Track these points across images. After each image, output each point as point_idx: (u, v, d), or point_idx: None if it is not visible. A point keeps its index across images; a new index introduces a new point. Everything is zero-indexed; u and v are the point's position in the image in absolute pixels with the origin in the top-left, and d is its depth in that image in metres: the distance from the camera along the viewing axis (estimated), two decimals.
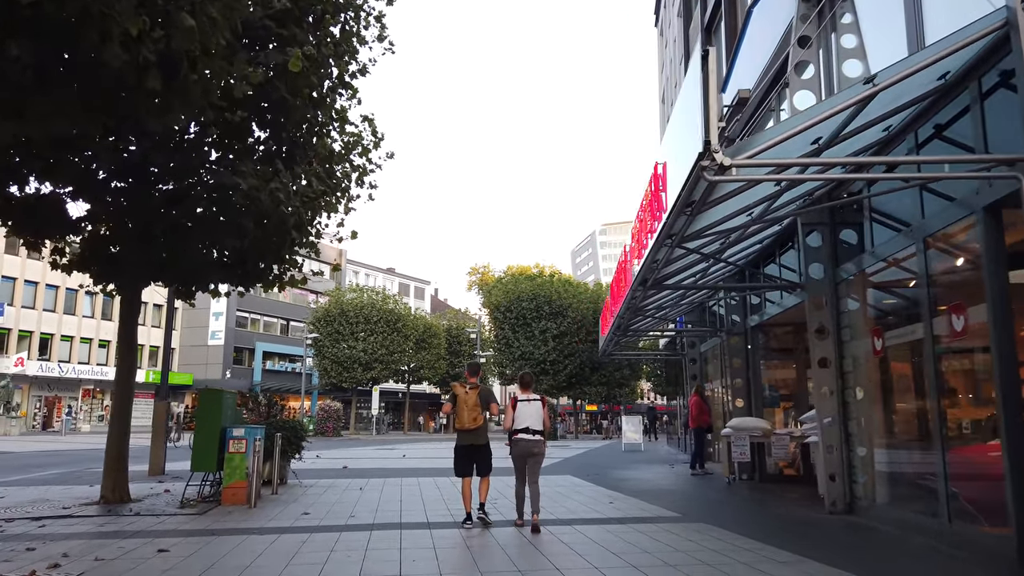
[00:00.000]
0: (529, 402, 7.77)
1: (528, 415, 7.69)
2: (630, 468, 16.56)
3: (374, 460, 19.55)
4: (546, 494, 10.27)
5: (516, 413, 7.74)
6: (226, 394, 10.06)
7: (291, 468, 12.55)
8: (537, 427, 7.67)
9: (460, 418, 7.78)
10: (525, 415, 7.70)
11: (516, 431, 7.71)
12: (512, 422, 7.74)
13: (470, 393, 7.82)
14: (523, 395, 7.86)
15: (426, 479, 13.33)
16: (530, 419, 7.67)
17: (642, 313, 12.55)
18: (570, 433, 51.61)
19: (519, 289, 45.72)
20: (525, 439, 7.65)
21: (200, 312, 52.54)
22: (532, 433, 7.65)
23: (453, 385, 8.06)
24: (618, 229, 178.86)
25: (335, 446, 29.84)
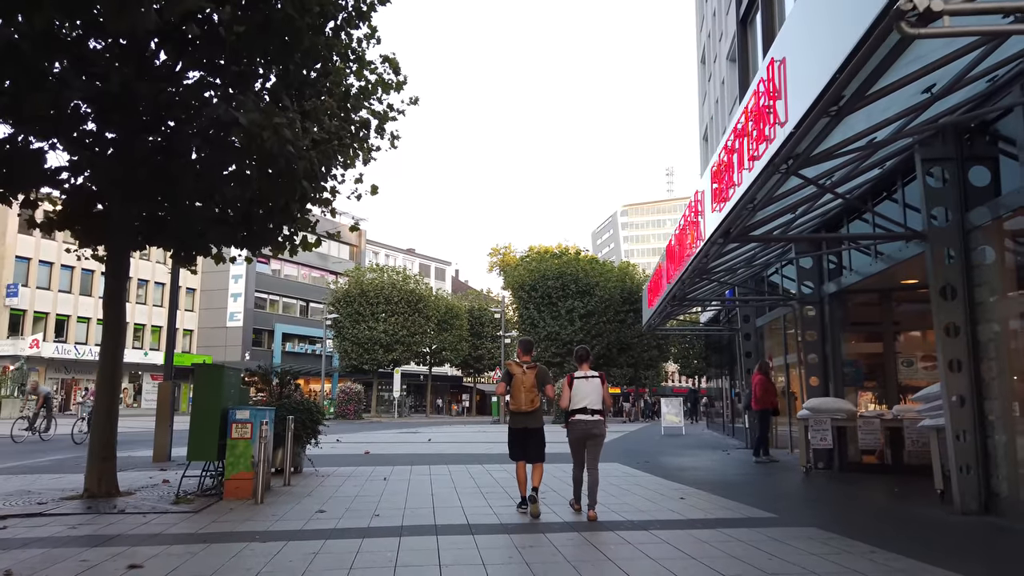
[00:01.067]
0: (587, 379, 7.09)
1: (586, 393, 7.04)
2: (681, 454, 15.00)
3: (398, 445, 18.18)
4: (603, 486, 8.79)
5: (573, 392, 7.11)
6: (227, 370, 8.62)
7: (306, 455, 11.14)
8: (596, 406, 7.02)
9: (516, 400, 7.14)
10: (583, 393, 7.05)
11: (573, 411, 7.09)
12: (568, 402, 7.11)
13: (528, 373, 7.13)
14: (580, 371, 7.20)
15: (457, 467, 11.88)
16: (589, 398, 7.02)
17: (708, 276, 10.90)
18: None
19: (544, 267, 44.14)
20: (584, 420, 7.02)
21: (218, 293, 51.63)
22: (591, 413, 7.00)
23: (508, 364, 7.35)
24: (640, 210, 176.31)
25: (356, 429, 28.60)
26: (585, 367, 7.26)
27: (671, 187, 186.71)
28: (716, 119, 21.97)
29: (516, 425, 7.29)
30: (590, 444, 7.06)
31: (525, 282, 43.24)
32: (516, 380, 7.12)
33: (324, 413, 11.41)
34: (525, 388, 7.08)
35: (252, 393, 11.19)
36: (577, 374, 7.22)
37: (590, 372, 7.19)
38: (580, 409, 7.06)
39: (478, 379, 63.68)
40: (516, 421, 7.29)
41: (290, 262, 55.60)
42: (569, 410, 7.14)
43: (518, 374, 7.13)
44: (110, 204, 8.94)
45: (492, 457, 14.02)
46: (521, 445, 7.25)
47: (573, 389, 7.13)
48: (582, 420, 7.04)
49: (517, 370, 7.16)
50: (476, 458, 13.80)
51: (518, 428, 7.27)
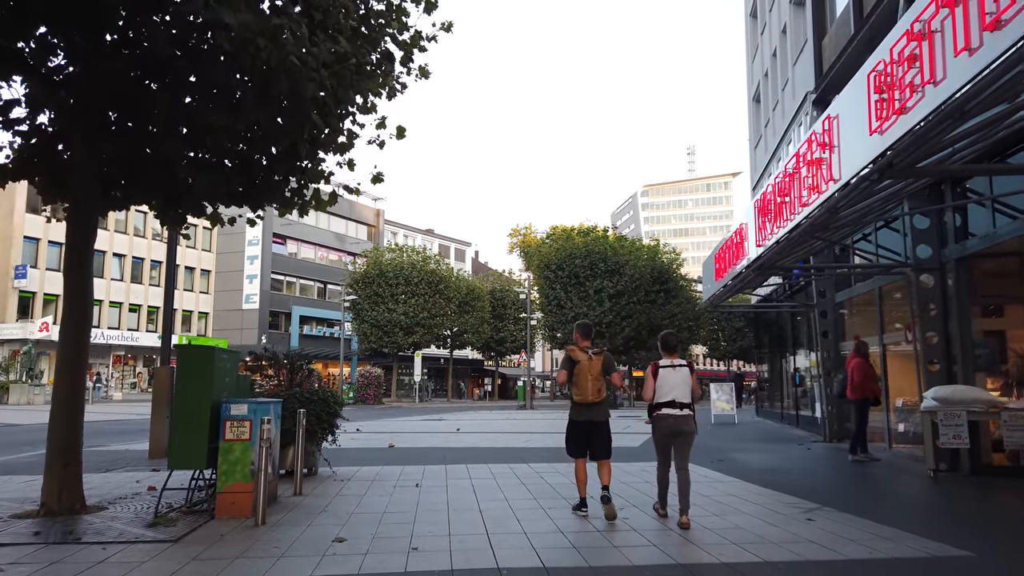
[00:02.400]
0: (675, 368, 6.36)
1: (674, 385, 6.29)
2: (753, 449, 13.06)
3: (423, 435, 16.41)
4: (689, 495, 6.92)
5: (659, 382, 6.34)
6: (220, 352, 6.79)
7: (322, 454, 9.35)
8: (686, 399, 6.29)
9: (581, 389, 6.43)
10: (670, 384, 6.30)
11: (660, 404, 6.31)
12: (653, 393, 6.35)
13: (594, 360, 6.43)
14: (667, 360, 6.45)
15: (499, 467, 10.05)
16: (677, 389, 6.28)
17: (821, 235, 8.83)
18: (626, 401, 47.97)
19: (571, 246, 42.10)
20: (673, 415, 6.25)
21: (234, 275, 50.22)
22: (680, 407, 6.25)
23: (570, 349, 6.58)
24: (660, 190, 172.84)
25: (377, 415, 26.97)
26: (673, 355, 6.51)
27: (692, 166, 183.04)
28: (774, 73, 19.77)
29: (580, 417, 6.56)
30: (679, 442, 6.31)
31: (551, 261, 41.21)
32: (581, 368, 6.42)
33: (342, 403, 9.60)
34: (592, 376, 6.40)
35: (258, 380, 9.43)
36: (663, 362, 6.43)
37: (678, 360, 6.45)
38: (668, 402, 6.28)
39: (500, 363, 61.97)
40: (580, 413, 6.56)
41: (306, 242, 54.07)
42: (654, 403, 6.36)
43: (583, 361, 6.41)
44: (72, 145, 7.12)
45: (535, 453, 12.17)
46: (585, 440, 6.56)
47: (659, 379, 6.35)
48: (670, 415, 6.26)
49: (582, 356, 6.44)
50: (517, 454, 11.96)
51: (582, 421, 6.54)
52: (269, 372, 9.60)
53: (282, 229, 51.78)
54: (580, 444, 6.56)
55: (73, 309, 6.96)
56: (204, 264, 50.24)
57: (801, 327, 16.96)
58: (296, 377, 9.65)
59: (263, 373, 9.55)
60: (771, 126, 20.16)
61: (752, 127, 23.37)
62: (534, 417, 25.73)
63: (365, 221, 60.67)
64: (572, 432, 6.62)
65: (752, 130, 23.36)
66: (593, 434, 6.49)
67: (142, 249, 45.54)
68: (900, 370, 11.50)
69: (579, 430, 6.55)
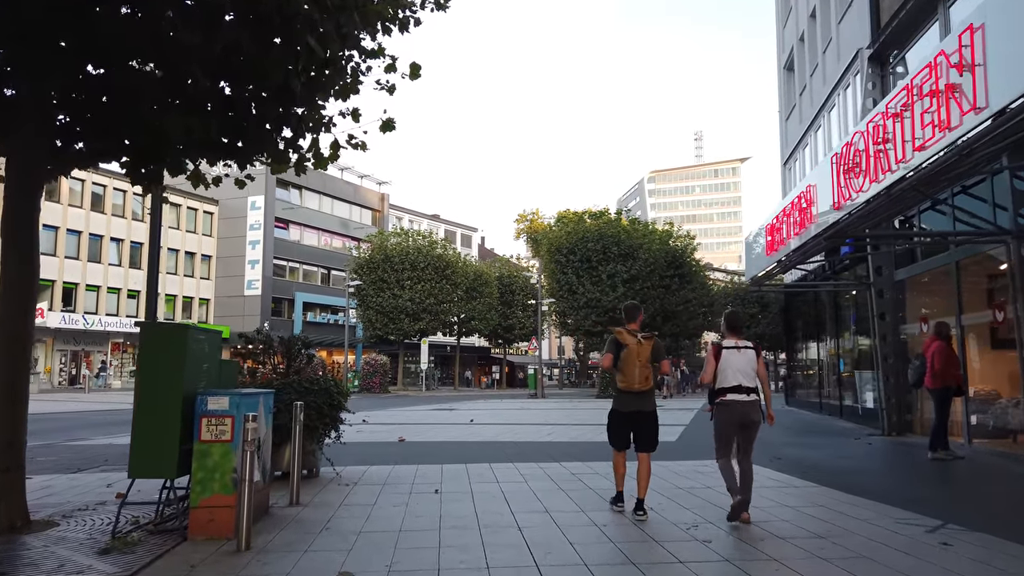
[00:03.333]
0: (739, 350, 5.80)
1: (739, 368, 5.74)
2: (803, 444, 11.72)
3: (435, 427, 15.14)
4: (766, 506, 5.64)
5: (721, 365, 5.78)
6: (195, 331, 5.46)
7: (323, 452, 8.04)
8: (751, 384, 5.74)
9: (627, 376, 5.91)
10: (735, 368, 5.74)
11: (724, 390, 5.75)
12: (715, 378, 5.79)
13: (644, 344, 5.91)
14: (730, 341, 5.89)
15: (527, 466, 8.74)
16: (742, 373, 5.73)
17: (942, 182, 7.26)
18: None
19: (582, 229, 40.69)
20: (738, 401, 5.70)
21: (235, 260, 48.97)
22: (747, 392, 5.71)
23: (618, 332, 6.06)
24: (667, 176, 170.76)
25: (383, 405, 25.75)
26: (737, 336, 5.88)
27: (700, 152, 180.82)
28: (812, 36, 18.25)
29: (625, 407, 6.00)
30: (744, 432, 5.75)
31: (562, 245, 39.80)
32: (629, 352, 5.86)
33: (346, 393, 8.29)
34: (640, 362, 5.84)
35: (247, 367, 8.13)
36: (726, 343, 5.82)
37: (743, 342, 5.83)
38: (733, 387, 5.68)
39: (508, 350, 60.72)
40: (625, 402, 5.99)
41: (309, 227, 52.75)
42: (716, 388, 5.77)
43: (631, 345, 5.86)
44: (11, 78, 5.77)
45: (563, 449, 10.87)
46: (629, 432, 6.02)
47: (721, 362, 5.76)
48: (736, 401, 5.67)
49: (630, 340, 5.90)
50: (543, 450, 10.66)
51: (628, 411, 5.98)
52: (262, 358, 8.29)
53: (284, 213, 50.46)
54: (624, 436, 6.04)
55: (12, 281, 5.63)
56: (205, 249, 48.97)
57: (847, 309, 15.58)
58: (294, 364, 8.35)
59: (255, 359, 8.25)
60: (808, 94, 18.70)
61: (783, 97, 21.89)
62: (549, 407, 24.44)
63: (369, 205, 59.30)
64: (616, 422, 6.08)
65: (783, 101, 21.88)
66: (640, 425, 5.96)
67: (140, 233, 44.25)
68: (979, 355, 10.15)
69: (623, 421, 6.01)
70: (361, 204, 58.33)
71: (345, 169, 56.95)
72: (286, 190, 51.39)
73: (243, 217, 49.03)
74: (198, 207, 48.56)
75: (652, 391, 5.97)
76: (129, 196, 43.75)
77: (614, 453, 6.12)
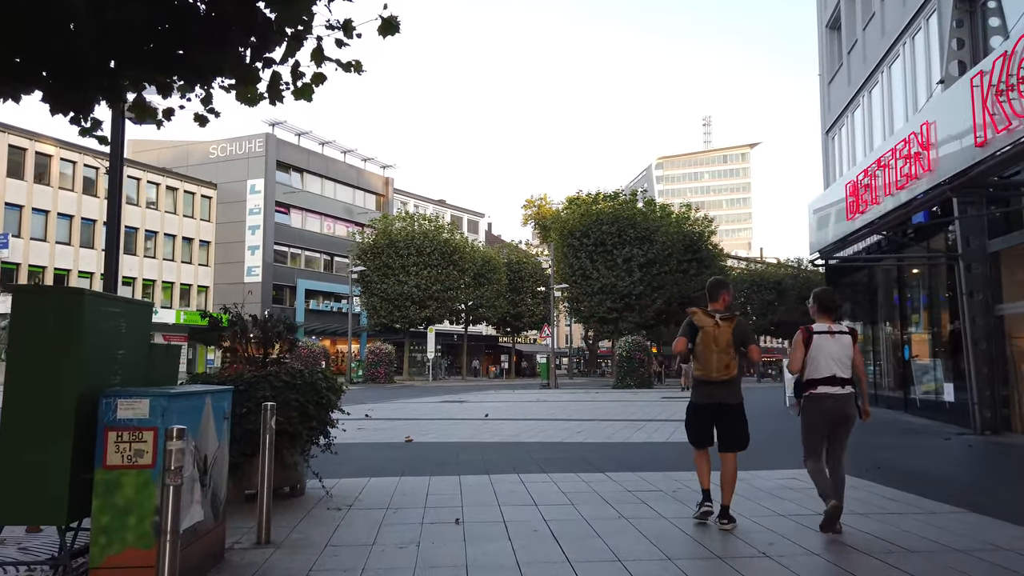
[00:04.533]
0: (833, 336, 4.94)
1: (833, 356, 4.88)
2: (888, 446, 9.85)
3: (447, 423, 13.40)
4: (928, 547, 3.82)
5: (812, 353, 4.92)
6: (99, 301, 3.68)
7: (310, 465, 6.27)
8: (846, 375, 4.86)
9: (704, 363, 5.06)
10: (827, 356, 4.88)
11: (814, 381, 4.89)
12: (803, 366, 4.94)
13: (722, 326, 5.04)
14: (822, 324, 5.02)
15: (567, 478, 6.99)
16: (836, 363, 4.86)
17: None
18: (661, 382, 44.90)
19: (596, 211, 38.85)
20: (831, 395, 4.84)
21: (235, 246, 47.29)
22: (841, 384, 4.85)
23: (693, 312, 5.21)
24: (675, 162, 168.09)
25: (388, 396, 24.07)
26: (829, 318, 5.08)
27: (708, 138, 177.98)
28: None
29: (704, 399, 5.23)
30: (835, 429, 4.95)
31: (575, 228, 38.00)
32: (705, 336, 5.08)
33: (340, 389, 6.53)
34: (719, 347, 5.05)
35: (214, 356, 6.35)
36: (817, 327, 5.04)
37: (837, 326, 5.05)
38: (826, 378, 4.88)
39: (516, 339, 59.03)
40: (704, 393, 5.22)
41: (311, 212, 51.00)
42: (806, 379, 4.98)
43: (708, 327, 5.09)
44: None
45: (605, 454, 9.11)
46: (711, 427, 5.22)
47: (811, 348, 4.96)
48: (829, 395, 4.87)
49: (707, 321, 5.12)
50: (580, 455, 8.90)
51: (708, 404, 5.21)
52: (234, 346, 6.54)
53: (285, 197, 48.73)
54: (705, 433, 5.27)
55: None
56: (203, 234, 47.29)
57: (914, 287, 13.74)
58: (274, 351, 6.58)
59: (221, 345, 6.49)
60: (859, 50, 16.77)
61: (826, 59, 19.95)
62: (566, 398, 22.69)
63: (373, 190, 57.51)
64: (694, 417, 5.35)
65: (826, 63, 19.94)
66: (723, 420, 5.18)
67: (135, 218, 42.60)
68: None
69: (704, 414, 5.25)
70: (365, 188, 56.55)
71: (348, 152, 55.14)
72: (287, 173, 49.65)
73: (242, 201, 47.34)
74: (196, 191, 46.86)
75: (736, 380, 5.16)
76: (123, 178, 42.01)
77: (694, 452, 5.35)
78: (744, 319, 5.39)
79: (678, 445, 9.74)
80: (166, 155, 48.68)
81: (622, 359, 30.55)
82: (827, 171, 19.49)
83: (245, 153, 47.82)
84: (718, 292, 5.28)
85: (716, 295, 5.28)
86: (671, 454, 8.85)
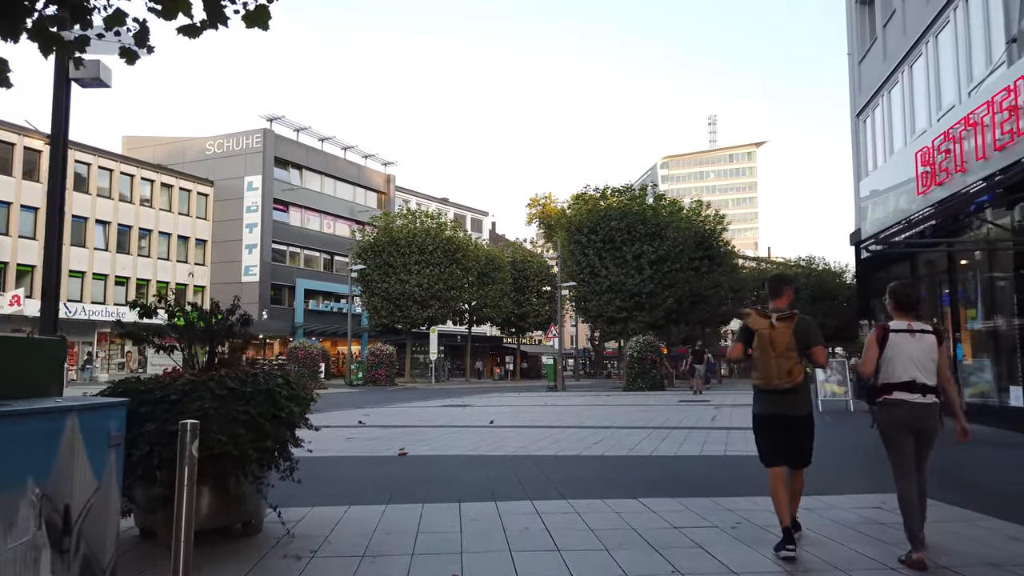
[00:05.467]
0: (913, 335, 4.29)
1: (914, 358, 4.24)
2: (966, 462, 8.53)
3: (448, 432, 12.02)
4: None
5: (888, 354, 4.29)
6: None
7: (266, 498, 4.88)
8: (929, 381, 4.23)
9: (763, 369, 4.45)
10: (907, 357, 4.24)
11: (889, 386, 4.25)
12: (878, 369, 4.31)
13: (779, 327, 4.42)
14: (900, 322, 4.38)
15: (594, 508, 5.63)
16: (919, 366, 4.23)
17: None
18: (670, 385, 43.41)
19: (605, 206, 37.44)
20: (911, 403, 4.20)
21: (232, 245, 46.01)
22: (922, 392, 4.18)
23: (747, 313, 4.67)
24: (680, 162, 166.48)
25: (388, 399, 22.74)
26: (908, 316, 4.39)
27: (714, 137, 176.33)
28: None
29: (768, 410, 4.52)
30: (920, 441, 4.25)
31: (582, 224, 36.56)
32: (761, 339, 4.44)
33: (309, 398, 5.16)
34: (777, 351, 4.39)
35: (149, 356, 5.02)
36: (895, 325, 4.34)
37: (918, 324, 4.35)
38: (905, 383, 4.20)
39: (521, 339, 57.62)
40: (767, 404, 4.52)
41: (311, 210, 49.69)
42: (880, 383, 4.30)
43: (763, 329, 4.44)
44: None
45: (627, 472, 7.71)
46: (779, 439, 4.49)
47: (888, 349, 4.29)
48: (905, 402, 4.20)
49: (761, 323, 4.47)
50: (602, 472, 7.53)
51: (773, 415, 4.50)
52: (170, 343, 5.20)
53: (283, 195, 47.46)
54: (774, 446, 4.56)
55: None
56: (200, 233, 46.04)
57: (968, 279, 12.32)
58: (224, 352, 5.25)
59: (152, 343, 5.16)
60: (897, 21, 15.37)
61: (856, 36, 18.54)
62: (576, 402, 21.30)
63: (374, 187, 56.20)
64: (761, 429, 4.67)
65: (856, 40, 18.53)
66: (789, 431, 4.52)
67: (129, 215, 41.38)
68: None
69: (769, 425, 4.59)
70: (366, 186, 55.24)
71: (348, 148, 53.84)
72: (285, 170, 48.38)
73: (239, 198, 46.08)
74: (191, 188, 45.61)
75: (804, 387, 4.53)
76: (116, 175, 40.82)
77: (770, 473, 4.54)
78: (808, 317, 4.63)
79: (716, 460, 8.36)
80: (161, 151, 47.46)
81: (633, 360, 29.10)
82: (857, 156, 18.08)
83: (242, 149, 46.53)
84: (781, 288, 4.73)
85: (779, 291, 4.73)
86: (711, 472, 7.48)
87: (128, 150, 47.03)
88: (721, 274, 40.91)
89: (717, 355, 46.51)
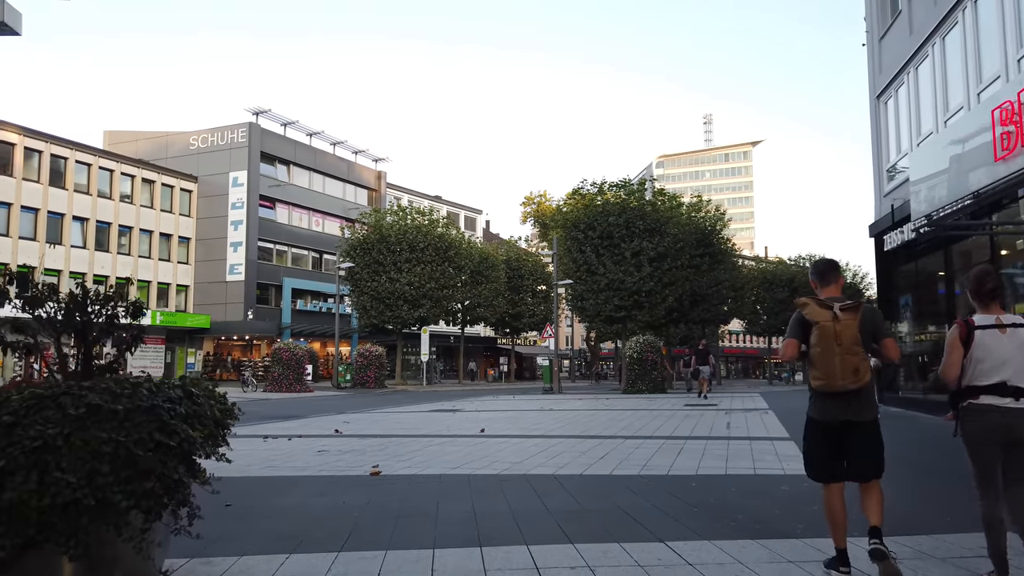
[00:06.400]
0: (1005, 330, 3.60)
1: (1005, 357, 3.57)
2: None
3: (431, 443, 10.60)
4: None
5: (975, 353, 3.63)
6: None
7: (152, 559, 3.49)
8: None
9: (822, 368, 3.74)
10: (998, 357, 3.58)
11: (975, 389, 3.64)
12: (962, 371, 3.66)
13: (845, 319, 3.73)
14: (987, 316, 3.68)
15: (606, 553, 4.27)
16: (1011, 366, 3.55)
17: None
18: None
19: (603, 202, 36.17)
20: (998, 408, 3.56)
21: (217, 243, 44.54)
22: (1015, 395, 3.52)
23: (803, 304, 3.87)
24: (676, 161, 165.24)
25: (374, 403, 21.33)
26: (997, 307, 3.67)
27: (709, 136, 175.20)
28: None
29: (827, 415, 3.84)
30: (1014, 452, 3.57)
31: (579, 220, 35.27)
32: (823, 333, 3.73)
33: (229, 412, 3.79)
34: (842, 347, 3.68)
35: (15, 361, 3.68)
36: (981, 319, 3.66)
37: (1008, 317, 3.64)
38: (992, 386, 3.56)
39: (515, 340, 56.29)
40: (830, 408, 3.82)
41: (298, 207, 48.26)
42: (964, 385, 3.65)
43: (825, 321, 3.74)
44: None
45: (647, 496, 6.32)
46: (839, 451, 3.86)
47: (974, 348, 3.62)
48: (995, 408, 3.56)
49: (822, 314, 3.76)
50: (615, 498, 6.15)
51: (833, 422, 3.82)
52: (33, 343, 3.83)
53: (270, 191, 45.99)
54: (828, 460, 3.87)
55: None
56: (183, 231, 44.55)
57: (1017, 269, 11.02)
58: (110, 354, 3.87)
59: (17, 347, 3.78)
60: None
61: (876, 12, 17.26)
62: (575, 406, 19.93)
63: (365, 184, 54.78)
64: (814, 439, 3.93)
65: (877, 16, 17.25)
66: (854, 441, 3.81)
67: (107, 212, 39.86)
68: None
69: (826, 434, 3.87)
70: (356, 182, 53.82)
71: (338, 144, 52.40)
72: (272, 165, 46.93)
73: (224, 195, 44.61)
74: (174, 184, 44.12)
75: (869, 389, 3.78)
76: (94, 170, 39.30)
77: (823, 490, 3.90)
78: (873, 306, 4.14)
79: (747, 480, 6.98)
80: (143, 146, 45.94)
81: (632, 361, 27.79)
82: (877, 139, 16.82)
83: (227, 144, 45.05)
84: (831, 276, 4.05)
85: (828, 279, 4.04)
86: (747, 498, 6.10)
87: (109, 145, 45.52)
88: (722, 272, 39.69)
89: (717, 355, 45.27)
